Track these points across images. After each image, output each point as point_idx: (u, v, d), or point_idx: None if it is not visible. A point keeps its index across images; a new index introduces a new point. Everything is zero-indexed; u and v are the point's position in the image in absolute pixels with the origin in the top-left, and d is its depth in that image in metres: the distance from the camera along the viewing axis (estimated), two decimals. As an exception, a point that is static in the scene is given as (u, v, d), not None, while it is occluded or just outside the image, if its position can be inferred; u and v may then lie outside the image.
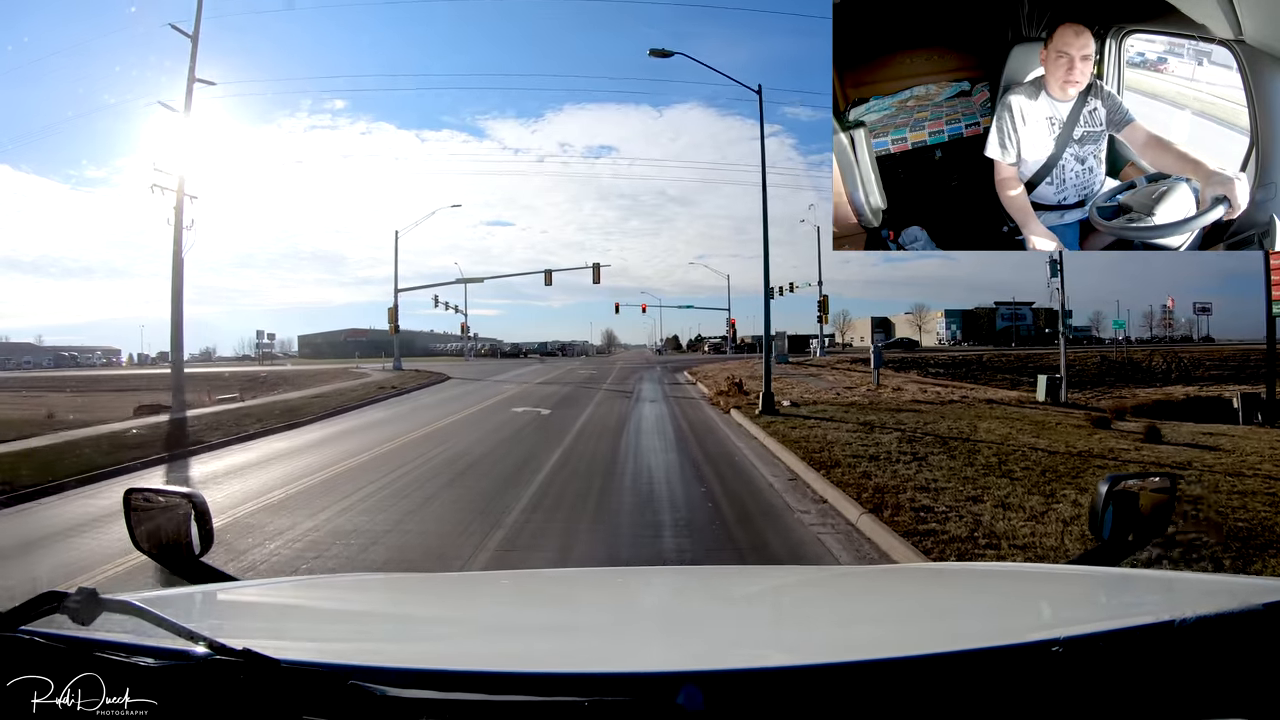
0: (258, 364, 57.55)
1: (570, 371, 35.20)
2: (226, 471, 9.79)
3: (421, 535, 6.14)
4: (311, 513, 6.97)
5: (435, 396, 21.96)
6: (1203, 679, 0.86)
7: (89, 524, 6.72)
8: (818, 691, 0.84)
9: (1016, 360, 36.71)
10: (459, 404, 18.96)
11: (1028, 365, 32.86)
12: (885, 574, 1.82)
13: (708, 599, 1.60)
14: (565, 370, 36.30)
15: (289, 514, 6.96)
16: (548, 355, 70.67)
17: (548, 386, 24.83)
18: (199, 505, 1.50)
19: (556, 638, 1.26)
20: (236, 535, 6.14)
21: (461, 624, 1.41)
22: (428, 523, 6.56)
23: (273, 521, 6.67)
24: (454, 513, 6.91)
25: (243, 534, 6.22)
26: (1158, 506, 1.52)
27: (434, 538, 6.05)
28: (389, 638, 1.28)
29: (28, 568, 5.70)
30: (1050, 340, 70.28)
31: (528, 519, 6.62)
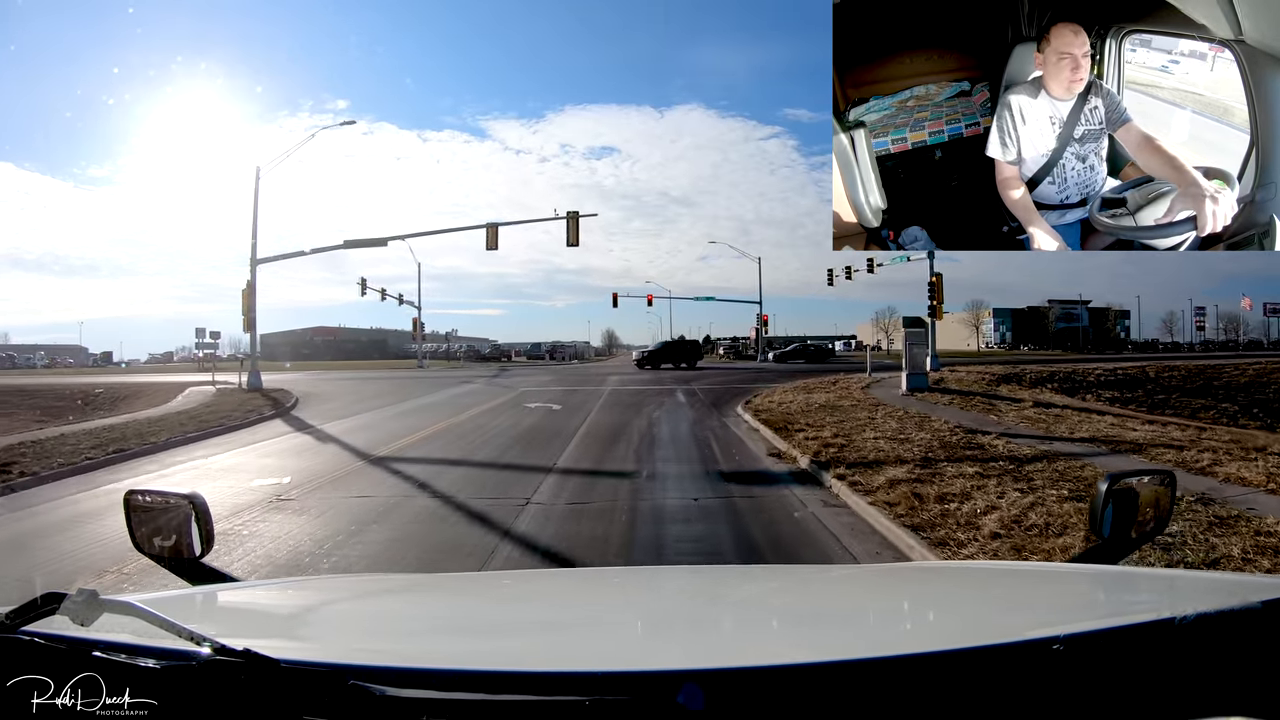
0: (123, 373, 44.71)
1: (506, 405, 17.27)
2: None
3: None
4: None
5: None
6: (1203, 676, 0.86)
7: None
8: (820, 690, 0.84)
9: (1181, 374, 23.28)
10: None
11: (1212, 382, 20.63)
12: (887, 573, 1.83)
13: (709, 598, 1.60)
14: (503, 400, 18.55)
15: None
16: (535, 359, 61.38)
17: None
18: (199, 506, 1.51)
19: (556, 637, 1.26)
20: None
21: (462, 623, 1.41)
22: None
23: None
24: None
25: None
26: (1158, 504, 1.52)
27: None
28: (389, 638, 1.28)
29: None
30: (1121, 345, 65.32)
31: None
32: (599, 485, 7.56)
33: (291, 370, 40.75)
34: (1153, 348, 63.56)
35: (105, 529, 6.00)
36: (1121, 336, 69.83)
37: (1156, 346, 65.00)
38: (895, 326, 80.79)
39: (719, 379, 25.99)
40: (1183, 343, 60.96)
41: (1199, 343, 65.00)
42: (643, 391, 20.46)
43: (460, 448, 10.51)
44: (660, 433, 11.54)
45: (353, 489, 7.69)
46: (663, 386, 22.54)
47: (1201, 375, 22.89)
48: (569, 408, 16.02)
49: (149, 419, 15.42)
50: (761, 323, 51.09)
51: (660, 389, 21.26)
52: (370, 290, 36.42)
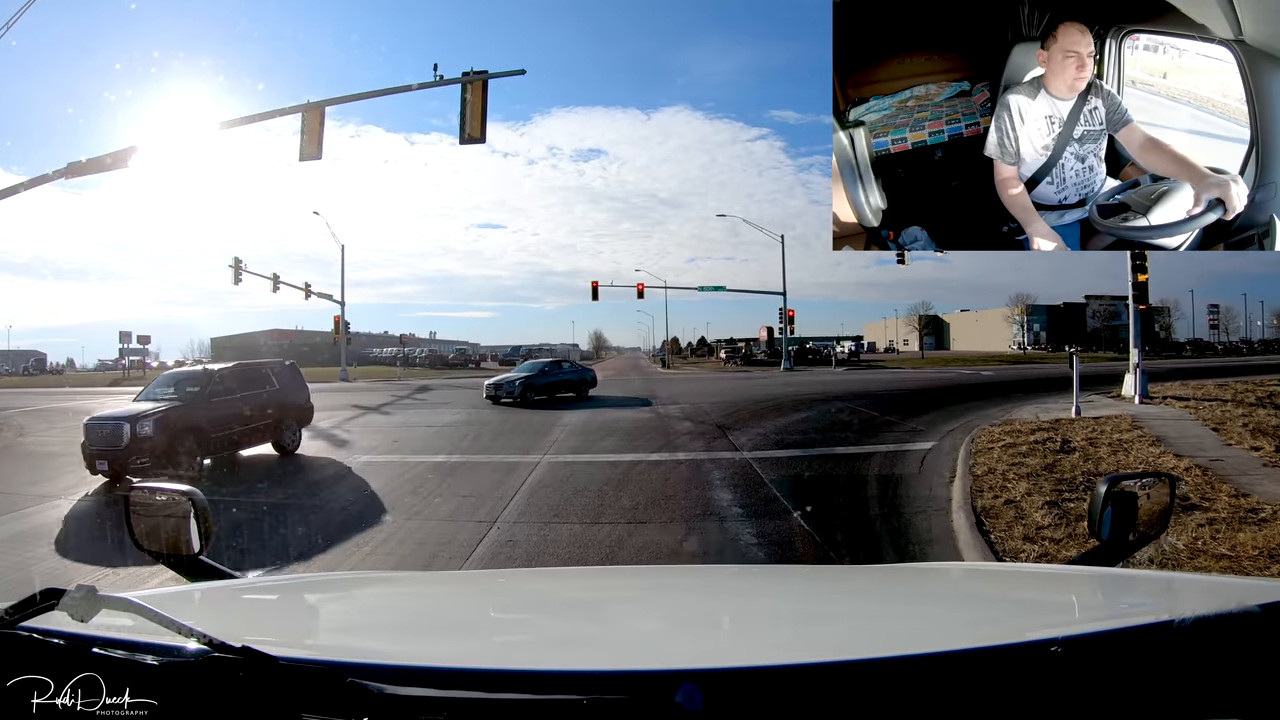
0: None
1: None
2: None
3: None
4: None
5: None
6: (1201, 679, 0.86)
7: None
8: (818, 690, 0.84)
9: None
10: None
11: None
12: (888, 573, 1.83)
13: (708, 598, 1.60)
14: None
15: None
16: (506, 363, 53.42)
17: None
18: (198, 503, 1.50)
19: (555, 636, 1.26)
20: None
21: (460, 622, 1.41)
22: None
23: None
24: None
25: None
26: (1156, 507, 1.52)
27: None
28: (387, 635, 1.28)
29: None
30: (1178, 346, 56.42)
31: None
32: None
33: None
34: (1208, 350, 57.16)
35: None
36: (1161, 335, 62.97)
37: (1235, 347, 58.32)
38: (905, 325, 77.18)
39: (739, 397, 17.00)
40: (1252, 341, 55.96)
41: (1257, 341, 62.02)
42: (653, 391, 14.92)
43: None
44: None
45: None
46: (679, 404, 15.49)
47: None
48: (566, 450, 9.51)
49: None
50: (787, 319, 39.59)
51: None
52: (314, 294, 34.07)
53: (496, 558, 5.46)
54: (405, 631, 1.32)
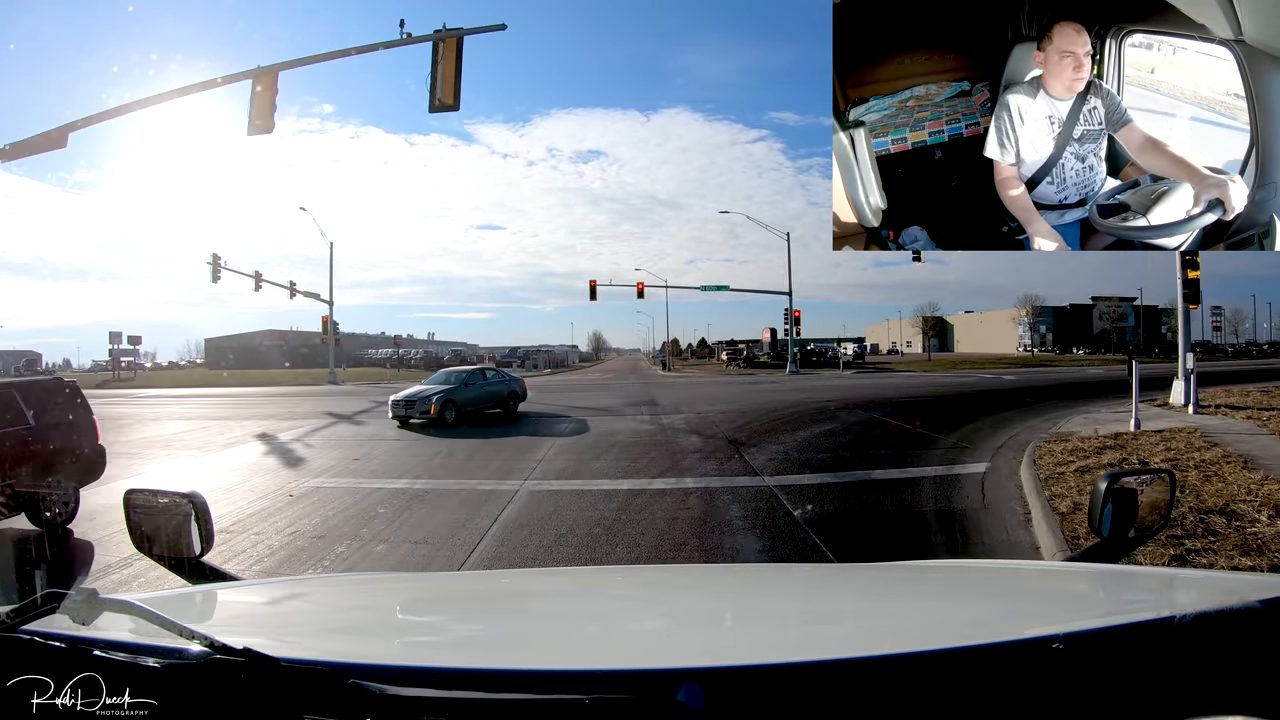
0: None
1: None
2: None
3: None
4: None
5: None
6: (1203, 675, 0.86)
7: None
8: (819, 688, 0.83)
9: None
10: None
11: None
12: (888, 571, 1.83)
13: (709, 597, 1.60)
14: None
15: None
16: (502, 365, 51.60)
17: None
18: (199, 505, 1.50)
19: (556, 635, 1.25)
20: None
21: (461, 622, 1.41)
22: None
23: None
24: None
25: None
26: (1157, 503, 1.52)
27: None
28: (389, 636, 1.28)
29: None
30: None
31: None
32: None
33: (198, 385, 36.45)
34: (1244, 352, 55.79)
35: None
36: (1168, 338, 62.42)
37: (1245, 350, 57.09)
38: (909, 326, 75.09)
39: (765, 411, 15.13)
40: (1260, 343, 54.89)
41: (1265, 343, 61.08)
42: (652, 398, 14.23)
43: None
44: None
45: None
46: (686, 419, 14.02)
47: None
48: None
49: None
50: (793, 320, 38.94)
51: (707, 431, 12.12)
52: (300, 293, 34.18)
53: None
54: (406, 632, 1.32)
